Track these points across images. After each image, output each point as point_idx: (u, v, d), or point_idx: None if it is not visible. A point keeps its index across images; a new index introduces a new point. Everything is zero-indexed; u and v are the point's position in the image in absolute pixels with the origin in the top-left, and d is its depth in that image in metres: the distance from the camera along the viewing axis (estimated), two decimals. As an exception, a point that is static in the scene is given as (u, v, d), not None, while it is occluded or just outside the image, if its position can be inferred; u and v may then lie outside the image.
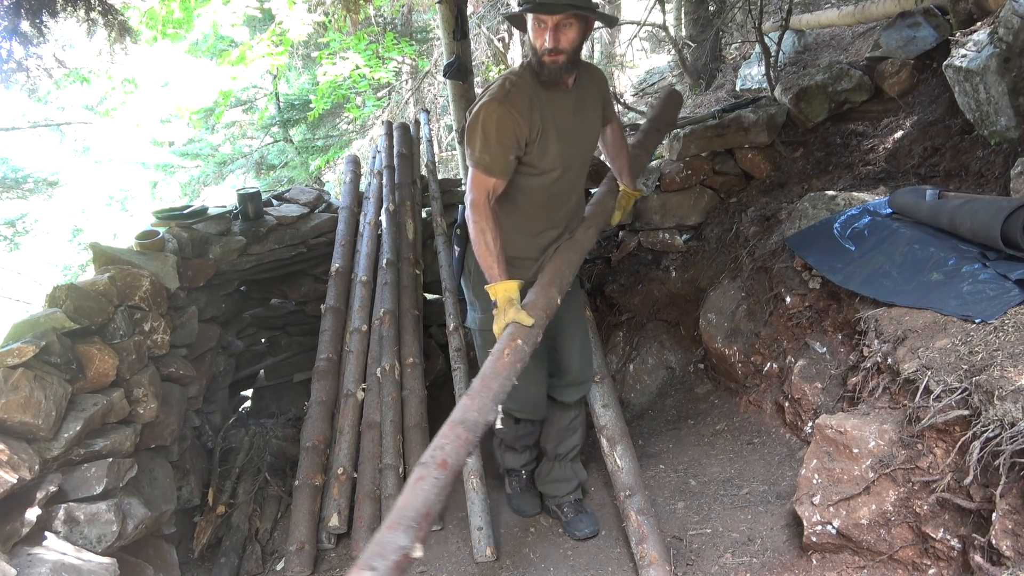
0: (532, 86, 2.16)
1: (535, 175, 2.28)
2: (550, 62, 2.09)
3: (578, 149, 2.38)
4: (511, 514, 3.11)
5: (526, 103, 2.13)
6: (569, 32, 2.07)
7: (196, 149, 10.68)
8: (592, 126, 2.44)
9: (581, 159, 2.43)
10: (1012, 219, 2.20)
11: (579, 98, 2.33)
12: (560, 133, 2.25)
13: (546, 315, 2.17)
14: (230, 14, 5.61)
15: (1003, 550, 1.54)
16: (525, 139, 2.16)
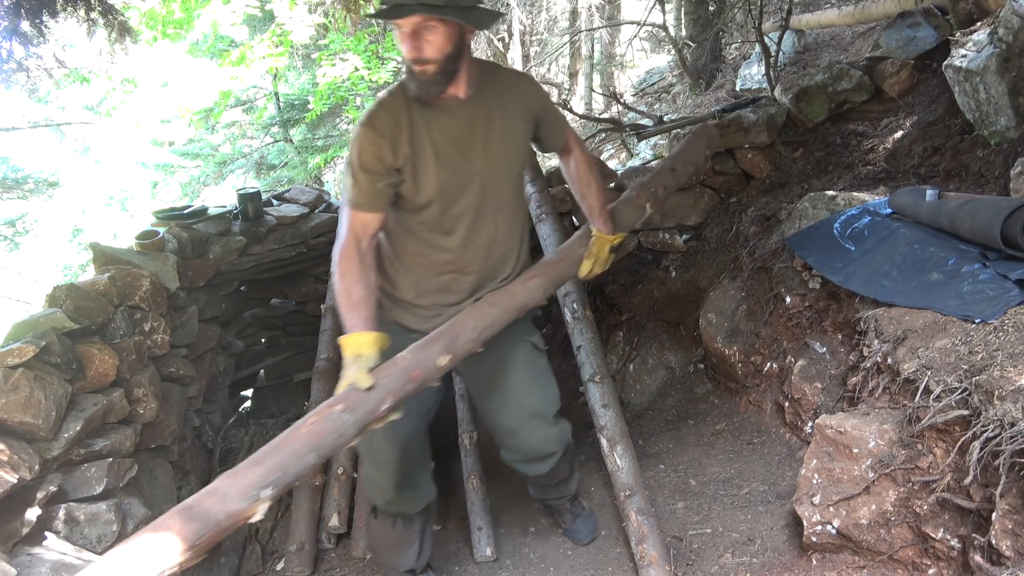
0: (405, 104, 1.83)
1: (414, 210, 1.92)
2: (419, 73, 1.74)
3: (476, 177, 1.91)
4: (511, 514, 3.11)
5: (391, 124, 1.81)
6: (433, 37, 1.70)
7: (196, 149, 10.68)
8: (508, 149, 1.96)
9: (484, 189, 1.94)
10: (1012, 219, 2.20)
11: (480, 115, 1.90)
12: (442, 158, 1.86)
13: (410, 378, 1.74)
14: (230, 13, 5.61)
15: (1003, 550, 1.54)
16: (391, 164, 1.82)
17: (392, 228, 1.98)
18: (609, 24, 10.55)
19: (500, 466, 3.60)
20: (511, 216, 2.05)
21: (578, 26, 10.88)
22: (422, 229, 1.96)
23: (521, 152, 2.03)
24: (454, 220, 1.94)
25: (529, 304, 2.05)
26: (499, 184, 1.97)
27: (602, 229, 2.20)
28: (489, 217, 1.98)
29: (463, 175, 1.90)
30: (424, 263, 2.01)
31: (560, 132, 2.13)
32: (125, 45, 3.81)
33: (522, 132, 2.00)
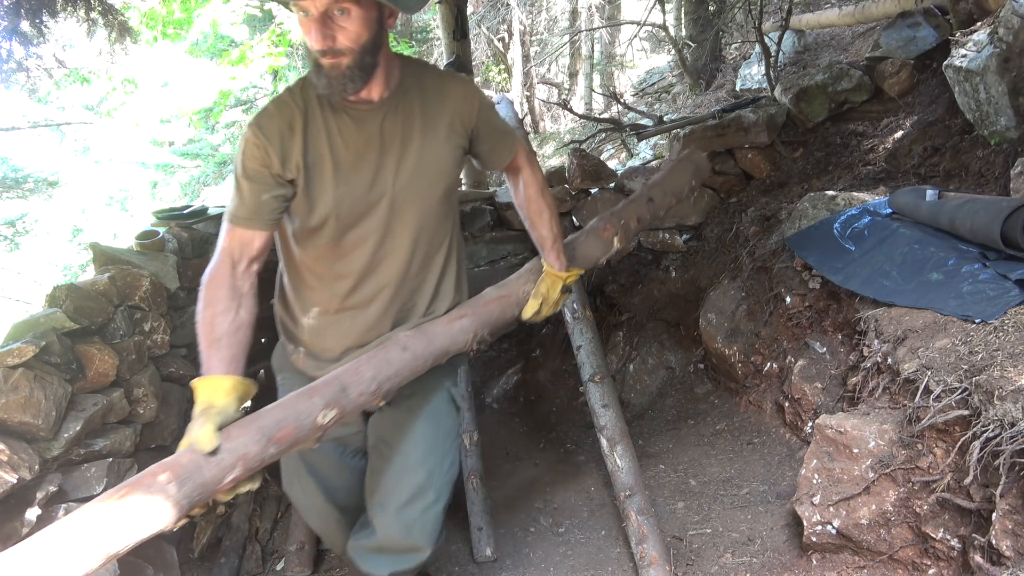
0: (303, 104, 1.52)
1: (308, 232, 1.60)
2: (329, 67, 1.42)
3: (384, 197, 1.58)
4: (511, 514, 3.11)
5: (281, 126, 1.50)
6: (347, 22, 1.38)
7: (196, 149, 10.69)
8: (430, 166, 1.62)
9: (394, 212, 1.60)
10: (1012, 219, 2.20)
11: (395, 123, 1.57)
12: (342, 172, 1.54)
13: (274, 440, 1.35)
14: (230, 13, 5.62)
15: (1003, 550, 1.54)
16: (278, 173, 1.50)
17: (289, 253, 1.69)
18: (609, 24, 10.55)
19: (500, 466, 3.61)
20: (430, 244, 1.69)
21: (578, 26, 10.88)
22: (317, 255, 1.64)
23: (446, 170, 1.65)
24: (354, 246, 1.61)
25: (452, 350, 1.68)
26: (415, 207, 1.62)
27: (554, 265, 1.85)
28: (399, 244, 1.63)
29: (367, 193, 1.57)
30: (322, 296, 1.69)
31: (506, 148, 1.78)
32: (125, 45, 3.82)
33: (449, 146, 1.64)
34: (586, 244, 1.97)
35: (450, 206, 1.74)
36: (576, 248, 1.94)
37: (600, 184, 4.49)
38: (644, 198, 2.12)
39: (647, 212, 2.10)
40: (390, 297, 1.68)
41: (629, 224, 2.03)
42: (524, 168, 1.85)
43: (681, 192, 2.23)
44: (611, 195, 4.47)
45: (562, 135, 10.13)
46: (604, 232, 1.99)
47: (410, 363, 1.60)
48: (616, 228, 1.99)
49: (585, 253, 1.95)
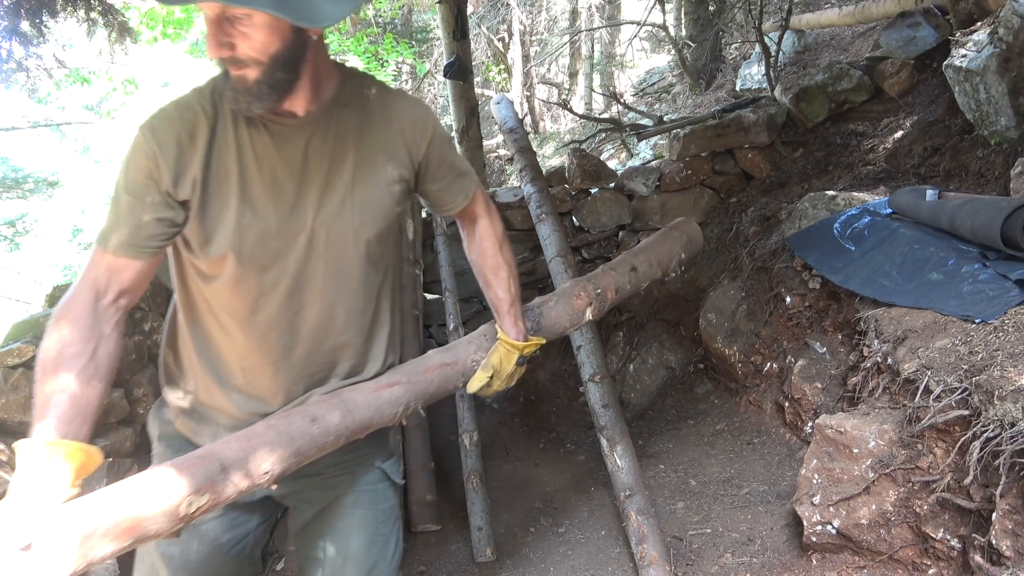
0: (211, 108, 1.23)
1: (205, 268, 1.28)
2: (235, 79, 1.16)
3: (303, 233, 1.28)
4: (511, 514, 3.12)
5: (180, 132, 1.20)
6: (250, 29, 1.10)
7: (196, 149, 10.69)
8: (362, 200, 1.31)
9: (313, 252, 1.29)
10: (1012, 219, 2.20)
11: (324, 146, 1.28)
12: (250, 197, 1.24)
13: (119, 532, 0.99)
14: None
15: (1003, 550, 1.54)
16: (168, 191, 1.20)
17: (184, 287, 1.34)
18: (609, 24, 10.56)
19: (500, 466, 3.61)
20: (359, 295, 1.36)
21: (578, 26, 10.89)
22: (216, 297, 1.30)
23: (382, 208, 1.33)
24: (261, 291, 1.28)
25: (375, 424, 1.36)
26: (341, 248, 1.31)
27: (509, 332, 1.52)
28: (318, 292, 1.32)
29: (280, 227, 1.26)
30: (219, 348, 1.33)
31: (460, 190, 1.46)
32: (125, 45, 3.82)
33: (389, 179, 1.33)
34: (555, 311, 1.65)
35: (386, 251, 1.41)
36: (542, 314, 1.63)
37: (600, 184, 4.49)
38: (627, 265, 1.85)
39: (628, 282, 1.82)
40: (304, 356, 1.34)
41: (606, 295, 1.74)
42: (481, 217, 1.54)
43: (668, 264, 1.96)
44: (611, 195, 4.48)
45: (562, 135, 10.13)
46: (577, 300, 1.68)
47: (318, 439, 1.25)
48: (591, 297, 1.70)
49: (552, 321, 1.64)
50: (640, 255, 1.91)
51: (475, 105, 5.31)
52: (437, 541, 2.98)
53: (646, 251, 1.94)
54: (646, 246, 1.96)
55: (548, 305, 1.66)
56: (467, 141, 5.31)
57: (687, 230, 2.05)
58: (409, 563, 2.87)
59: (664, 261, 1.95)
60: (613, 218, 4.50)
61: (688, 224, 2.08)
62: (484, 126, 7.22)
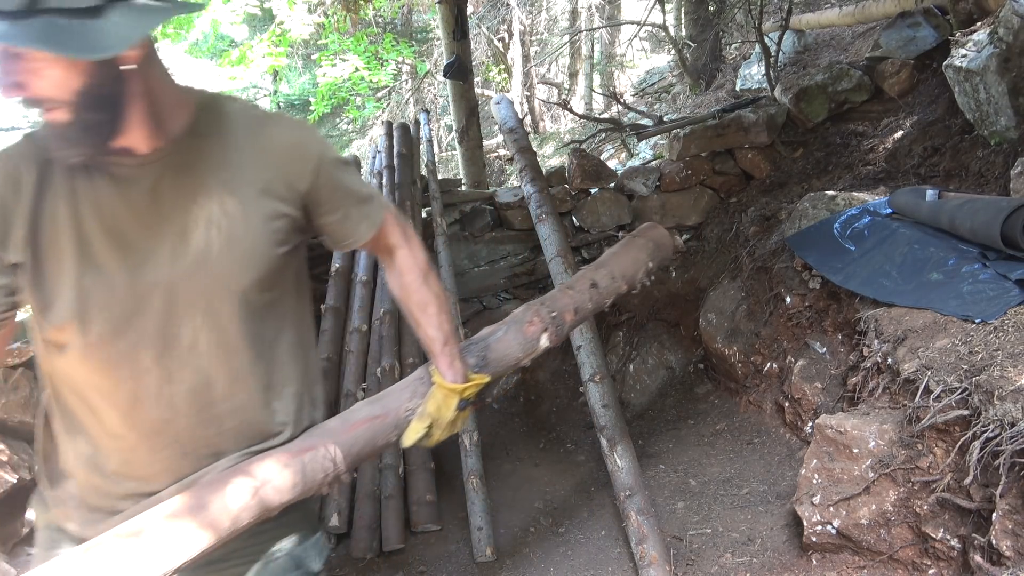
0: (36, 157, 1.06)
1: (60, 346, 1.10)
2: (47, 123, 1.00)
3: (157, 290, 1.08)
4: (511, 514, 3.12)
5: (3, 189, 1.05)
6: (41, 66, 0.93)
7: (196, 149, 10.69)
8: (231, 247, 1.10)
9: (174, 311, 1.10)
10: (1012, 219, 2.21)
11: (176, 187, 1.09)
12: (90, 254, 1.06)
13: None
14: (230, 13, 5.62)
15: (1003, 550, 1.54)
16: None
17: (45, 365, 1.17)
18: (609, 24, 10.56)
19: (500, 466, 3.61)
20: (244, 353, 1.15)
21: (578, 26, 10.89)
22: (72, 370, 1.12)
23: (257, 251, 1.12)
24: (119, 360, 1.09)
25: (287, 500, 1.15)
26: (210, 302, 1.11)
27: (446, 374, 1.33)
28: (189, 356, 1.11)
29: (131, 285, 1.07)
30: (86, 426, 1.15)
31: (363, 220, 1.25)
32: (125, 45, 3.81)
33: (263, 217, 1.12)
34: (504, 342, 1.46)
35: (278, 298, 1.19)
36: (489, 347, 1.44)
37: (600, 184, 4.49)
38: (586, 282, 1.68)
39: (589, 301, 1.65)
40: (187, 429, 1.13)
41: (563, 317, 1.56)
42: (399, 247, 1.31)
43: (635, 276, 1.80)
44: (611, 195, 4.48)
45: (562, 135, 10.13)
46: (529, 326, 1.50)
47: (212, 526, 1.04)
48: (545, 322, 1.51)
49: (501, 355, 1.45)
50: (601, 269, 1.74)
51: (475, 105, 5.31)
52: (437, 541, 2.98)
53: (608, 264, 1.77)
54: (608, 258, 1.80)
55: (496, 336, 1.47)
56: (467, 141, 5.31)
57: (654, 236, 1.89)
58: (409, 563, 2.87)
59: (629, 273, 1.78)
60: (613, 218, 4.50)
61: (654, 229, 1.91)
62: (484, 126, 7.22)
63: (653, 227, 1.92)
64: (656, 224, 1.94)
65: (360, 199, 1.25)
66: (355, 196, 1.24)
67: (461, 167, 5.50)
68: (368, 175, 4.83)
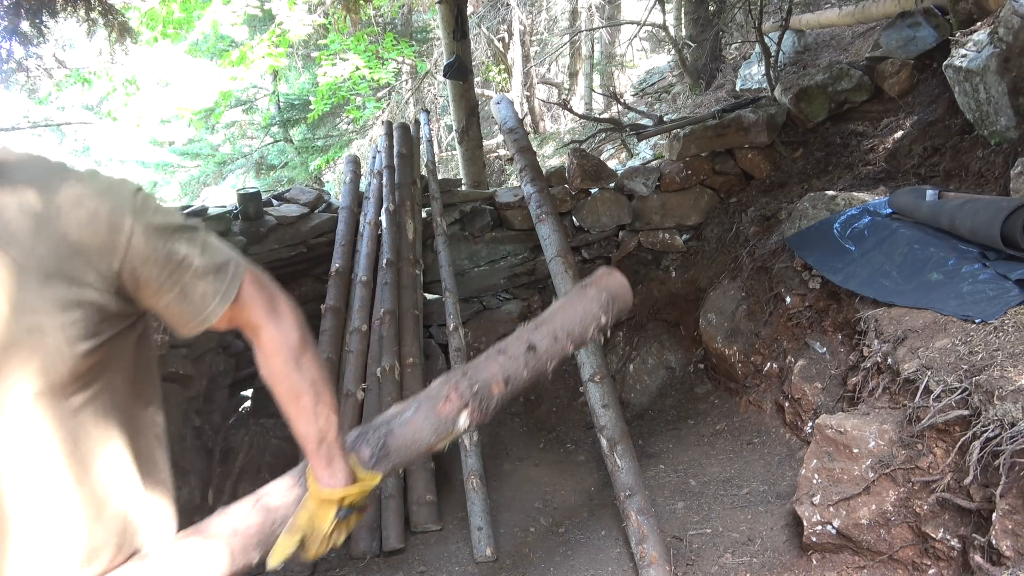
0: None
1: None
2: None
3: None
4: (511, 514, 3.11)
5: None
6: None
7: (196, 149, 10.70)
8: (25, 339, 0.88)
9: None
10: (1012, 219, 2.21)
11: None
12: None
13: None
14: (231, 14, 5.62)
15: (1003, 550, 1.54)
16: None
17: None
18: (609, 24, 10.55)
19: (500, 466, 3.61)
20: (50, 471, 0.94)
21: (578, 26, 10.89)
22: None
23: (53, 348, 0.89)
24: None
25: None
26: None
27: (321, 477, 1.11)
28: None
29: None
30: None
31: (209, 297, 1.01)
32: (125, 45, 3.82)
33: (57, 307, 0.89)
34: (411, 426, 1.23)
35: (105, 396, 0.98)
36: (392, 433, 1.21)
37: (600, 184, 4.49)
38: (522, 345, 1.41)
39: (524, 368, 1.39)
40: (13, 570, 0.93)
41: (491, 390, 1.32)
42: (263, 327, 1.07)
43: (584, 333, 1.53)
44: (611, 195, 4.48)
45: (562, 135, 10.13)
46: (443, 405, 1.26)
47: None
48: (466, 398, 1.27)
49: (407, 441, 1.22)
50: (542, 328, 1.48)
51: (475, 105, 5.31)
52: (437, 541, 2.97)
53: (551, 320, 1.50)
54: (551, 314, 1.53)
55: (402, 418, 1.23)
56: (467, 141, 5.31)
57: (609, 285, 1.59)
58: (409, 563, 2.87)
59: (577, 331, 1.51)
60: (613, 218, 4.50)
61: (610, 277, 1.61)
62: (484, 126, 7.22)
63: (610, 274, 1.62)
64: (613, 270, 1.63)
65: (203, 270, 0.99)
66: (195, 267, 0.98)
67: (461, 167, 5.50)
68: (368, 175, 4.83)
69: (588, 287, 1.58)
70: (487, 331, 4.75)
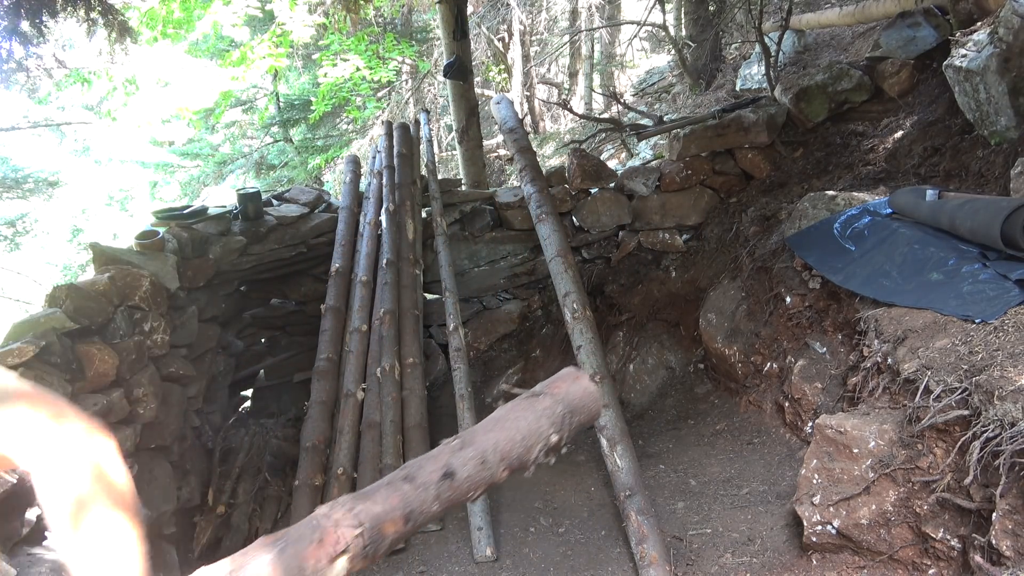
0: None
1: None
2: None
3: None
4: (511, 514, 3.11)
5: None
6: None
7: (196, 149, 10.70)
8: None
9: None
10: (1012, 219, 2.20)
11: None
12: None
13: None
14: (231, 15, 5.61)
15: (1003, 550, 1.54)
16: None
17: None
18: (609, 24, 10.55)
19: (500, 466, 3.60)
20: None
21: (578, 26, 10.88)
22: None
23: None
24: None
25: None
26: None
27: None
28: None
29: None
30: None
31: None
32: (125, 45, 3.82)
33: None
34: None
35: None
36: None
37: (600, 184, 4.49)
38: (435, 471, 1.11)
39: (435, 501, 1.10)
40: None
41: (383, 530, 1.02)
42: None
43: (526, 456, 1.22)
44: (611, 195, 4.48)
45: (562, 135, 10.13)
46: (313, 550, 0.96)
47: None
48: (344, 542, 0.97)
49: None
50: (468, 448, 1.16)
51: (475, 105, 5.30)
52: (437, 541, 2.97)
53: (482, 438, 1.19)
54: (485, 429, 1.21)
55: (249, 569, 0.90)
56: (467, 141, 5.31)
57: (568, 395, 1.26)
58: (409, 563, 2.87)
59: (515, 453, 1.20)
60: (613, 218, 4.50)
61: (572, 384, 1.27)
62: (484, 126, 7.22)
63: (573, 379, 1.29)
64: (579, 374, 1.30)
65: None
66: None
67: (461, 167, 5.50)
68: (368, 175, 4.84)
69: (541, 396, 1.26)
70: (487, 331, 4.75)
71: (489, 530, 2.87)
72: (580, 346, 3.25)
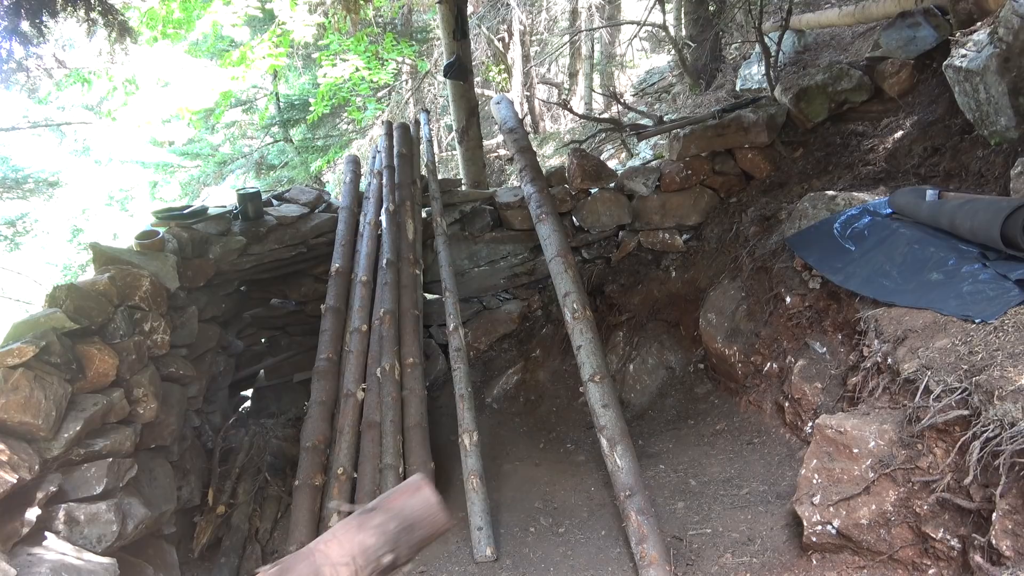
0: None
1: None
2: None
3: None
4: (511, 514, 3.11)
5: None
6: None
7: (196, 149, 10.69)
8: None
9: None
10: (1012, 219, 2.21)
11: None
12: None
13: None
14: (231, 15, 5.61)
15: (1003, 550, 1.54)
16: None
17: None
18: (609, 24, 10.55)
19: (500, 466, 3.61)
20: None
21: (578, 26, 10.88)
22: None
23: None
24: None
25: None
26: None
27: None
28: None
29: None
30: None
31: None
32: (125, 45, 3.81)
33: None
34: None
35: None
36: None
37: (600, 184, 4.49)
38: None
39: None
40: None
41: None
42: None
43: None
44: (611, 195, 4.48)
45: (562, 135, 10.13)
46: None
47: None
48: None
49: None
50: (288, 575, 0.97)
51: (475, 105, 5.30)
52: (437, 541, 2.97)
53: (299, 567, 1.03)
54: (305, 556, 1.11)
55: None
56: (467, 141, 5.31)
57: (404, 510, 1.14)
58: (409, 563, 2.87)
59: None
60: (613, 218, 4.50)
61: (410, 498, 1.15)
62: (484, 126, 7.21)
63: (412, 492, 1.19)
64: (421, 485, 1.22)
65: None
66: None
67: (461, 167, 5.50)
68: (368, 175, 4.84)
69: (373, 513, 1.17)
70: (487, 331, 4.75)
71: (489, 530, 2.87)
72: (580, 346, 3.25)
